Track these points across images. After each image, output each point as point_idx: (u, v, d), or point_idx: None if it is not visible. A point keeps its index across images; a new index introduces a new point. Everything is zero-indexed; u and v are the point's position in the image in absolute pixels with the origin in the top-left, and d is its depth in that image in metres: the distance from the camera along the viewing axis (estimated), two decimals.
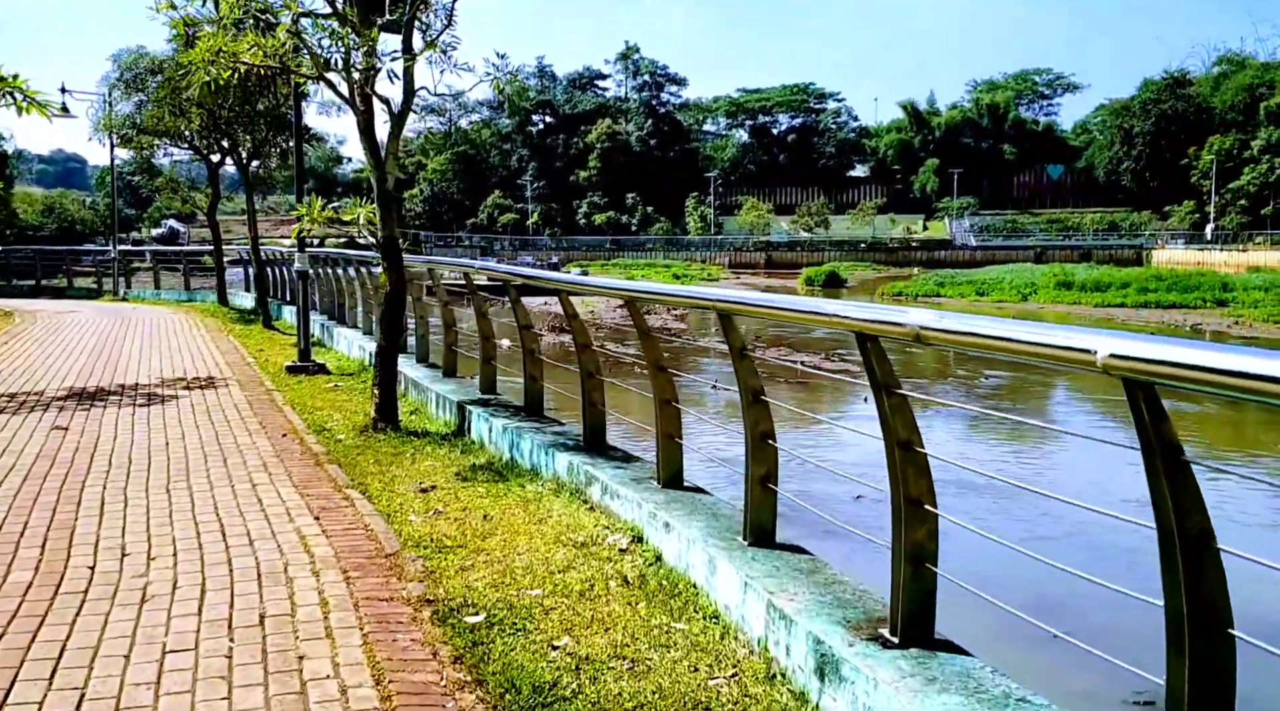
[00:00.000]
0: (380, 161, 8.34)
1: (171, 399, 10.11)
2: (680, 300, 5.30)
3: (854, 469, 10.35)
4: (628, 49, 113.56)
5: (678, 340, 24.33)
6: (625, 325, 26.42)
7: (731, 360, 4.53)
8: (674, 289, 5.11)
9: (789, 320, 4.49)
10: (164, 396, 10.27)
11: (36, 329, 18.10)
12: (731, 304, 4.69)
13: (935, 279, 58.19)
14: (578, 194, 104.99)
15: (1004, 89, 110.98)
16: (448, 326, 9.80)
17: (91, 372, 12.22)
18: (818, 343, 30.04)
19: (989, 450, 14.20)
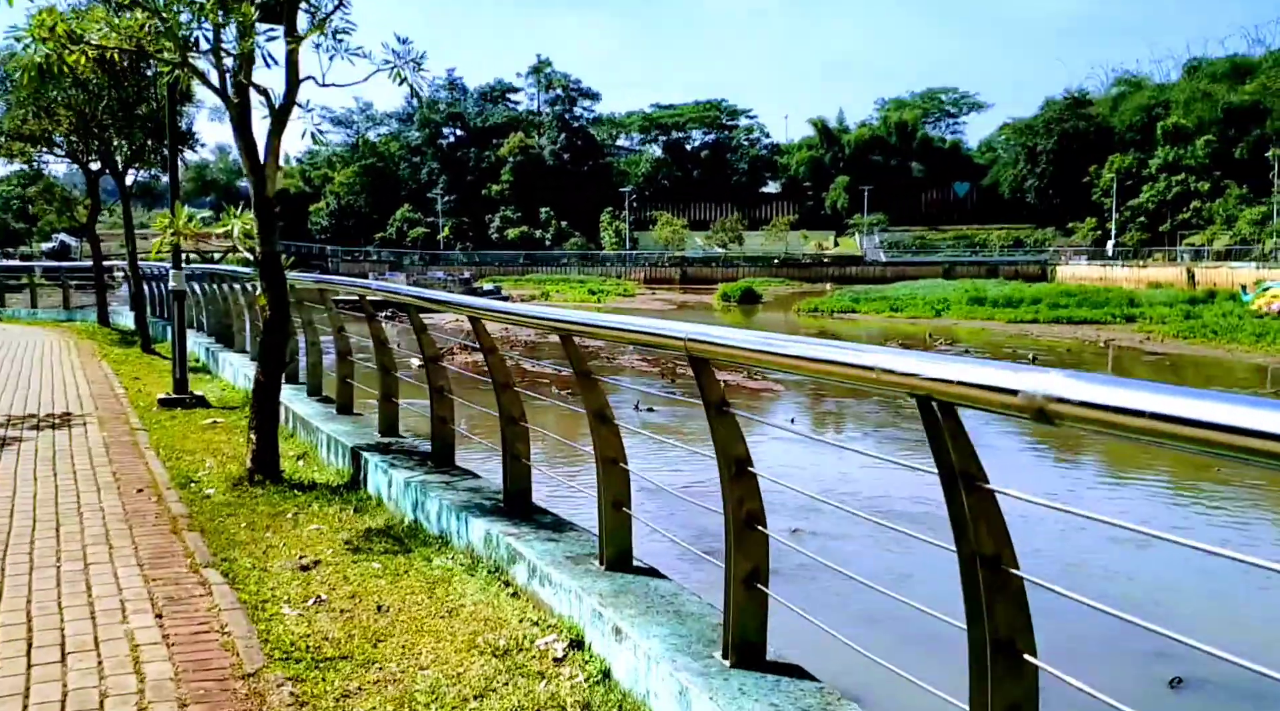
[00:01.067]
0: (258, 164, 7.05)
1: (12, 442, 8.60)
2: (625, 335, 4.18)
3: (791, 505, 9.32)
4: (540, 62, 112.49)
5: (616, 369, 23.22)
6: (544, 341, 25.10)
7: (708, 417, 3.41)
8: (620, 321, 3.99)
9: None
10: (2, 439, 8.74)
11: None
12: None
13: (850, 295, 58.21)
14: (490, 208, 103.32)
15: (912, 107, 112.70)
16: (342, 356, 8.49)
17: None
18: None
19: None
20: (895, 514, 9.39)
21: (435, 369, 6.43)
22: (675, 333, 3.47)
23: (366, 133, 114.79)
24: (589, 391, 4.33)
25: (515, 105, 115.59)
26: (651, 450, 10.90)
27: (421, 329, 6.40)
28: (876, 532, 8.67)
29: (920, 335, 41.10)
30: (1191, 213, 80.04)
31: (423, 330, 6.41)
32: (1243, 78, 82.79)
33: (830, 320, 50.90)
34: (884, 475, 11.20)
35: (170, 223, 7.20)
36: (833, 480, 11.55)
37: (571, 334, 4.41)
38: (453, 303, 6.02)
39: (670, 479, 10.60)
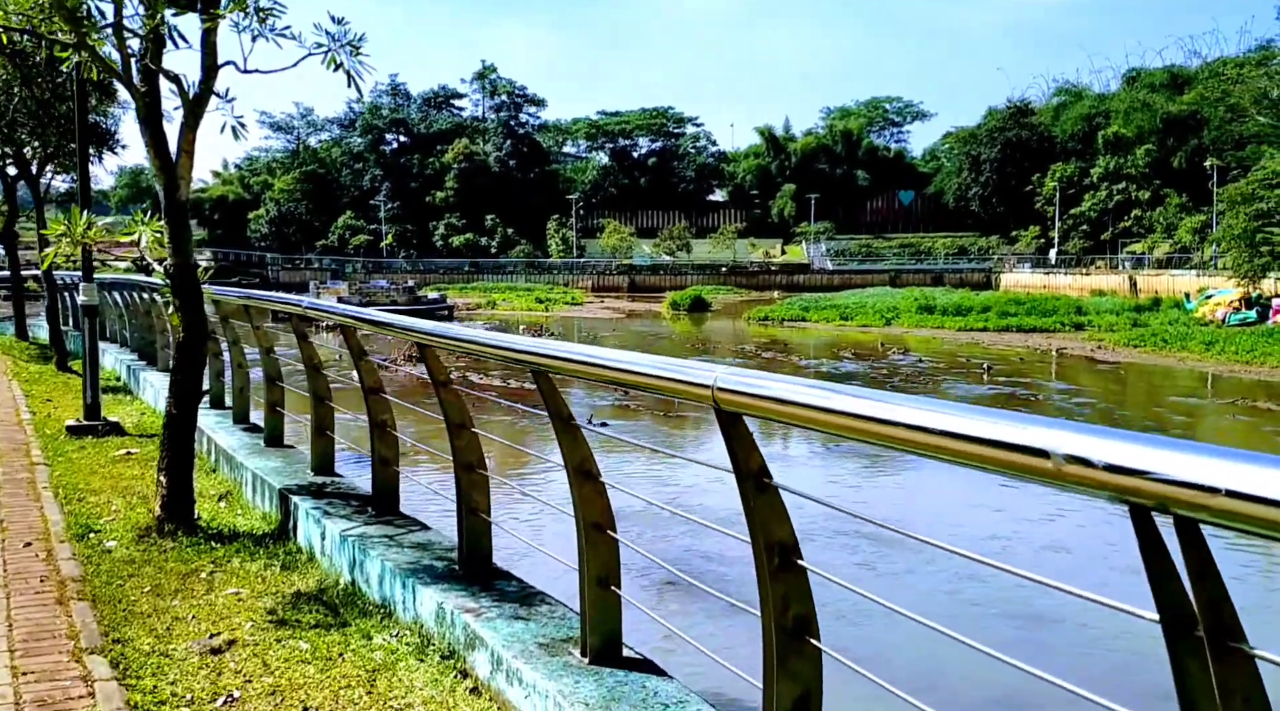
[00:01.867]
0: (169, 162, 6.08)
1: None
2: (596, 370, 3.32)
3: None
4: (485, 68, 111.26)
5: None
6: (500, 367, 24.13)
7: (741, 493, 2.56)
8: (616, 358, 3.11)
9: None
10: None
11: None
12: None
13: (800, 303, 57.96)
14: (434, 215, 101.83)
15: (856, 116, 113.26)
16: (271, 380, 7.52)
17: None
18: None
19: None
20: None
21: (377, 401, 5.52)
22: (698, 378, 2.65)
23: (307, 138, 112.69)
24: (570, 441, 3.47)
25: (460, 111, 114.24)
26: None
27: (360, 354, 5.49)
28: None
29: (872, 343, 40.76)
30: (1132, 221, 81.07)
31: (361, 355, 5.49)
32: (1180, 88, 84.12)
33: (781, 329, 50.51)
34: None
35: (66, 230, 6.20)
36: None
37: (549, 370, 3.53)
38: (399, 326, 5.12)
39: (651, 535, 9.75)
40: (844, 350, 37.41)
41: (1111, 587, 3.62)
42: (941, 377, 29.69)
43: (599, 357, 3.16)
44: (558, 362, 3.44)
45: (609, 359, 3.16)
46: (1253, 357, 32.29)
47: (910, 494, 13.73)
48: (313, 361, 6.52)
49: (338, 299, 54.90)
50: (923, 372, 31.06)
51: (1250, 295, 46.73)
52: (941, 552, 8.07)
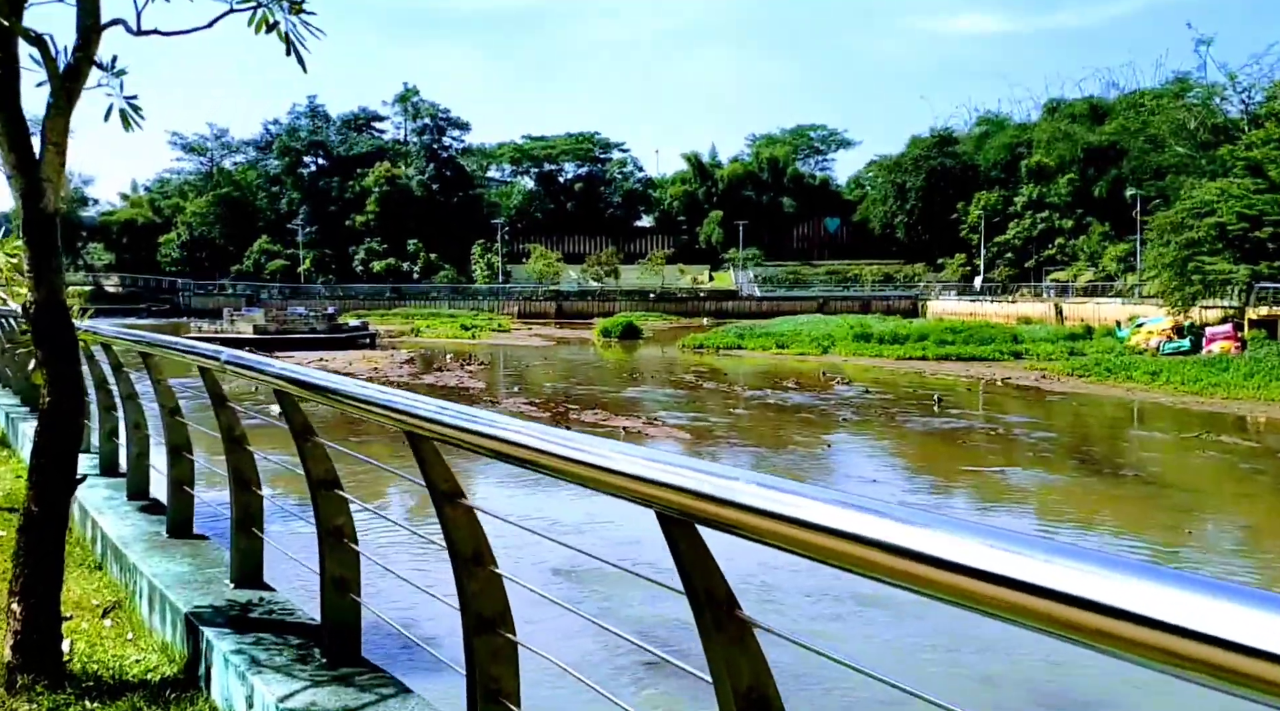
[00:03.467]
0: (29, 158, 4.35)
1: None
2: None
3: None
4: (407, 91, 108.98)
5: None
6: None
7: None
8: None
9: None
10: None
11: None
12: None
13: (735, 331, 56.97)
14: (354, 240, 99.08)
15: (782, 144, 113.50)
16: (176, 451, 5.74)
17: None
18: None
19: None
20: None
21: (328, 499, 3.84)
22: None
23: (221, 161, 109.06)
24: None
25: (381, 134, 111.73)
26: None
27: (305, 433, 3.81)
28: None
29: (812, 372, 39.76)
30: (1056, 249, 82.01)
31: (306, 435, 3.82)
32: (1100, 119, 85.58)
33: (717, 357, 49.37)
34: None
35: None
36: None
37: (438, 439, 1.92)
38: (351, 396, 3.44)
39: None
40: (785, 380, 36.28)
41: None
42: (893, 410, 28.65)
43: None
44: (445, 430, 1.90)
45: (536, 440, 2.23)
46: (1201, 388, 31.92)
47: None
48: (234, 432, 4.80)
49: (254, 327, 52.12)
50: (873, 405, 30.00)
51: (1182, 324, 46.94)
52: None
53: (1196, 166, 64.32)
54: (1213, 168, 58.48)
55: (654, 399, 30.99)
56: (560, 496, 13.69)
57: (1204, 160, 64.61)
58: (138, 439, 6.77)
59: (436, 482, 2.71)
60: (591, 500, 4.12)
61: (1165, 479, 19.35)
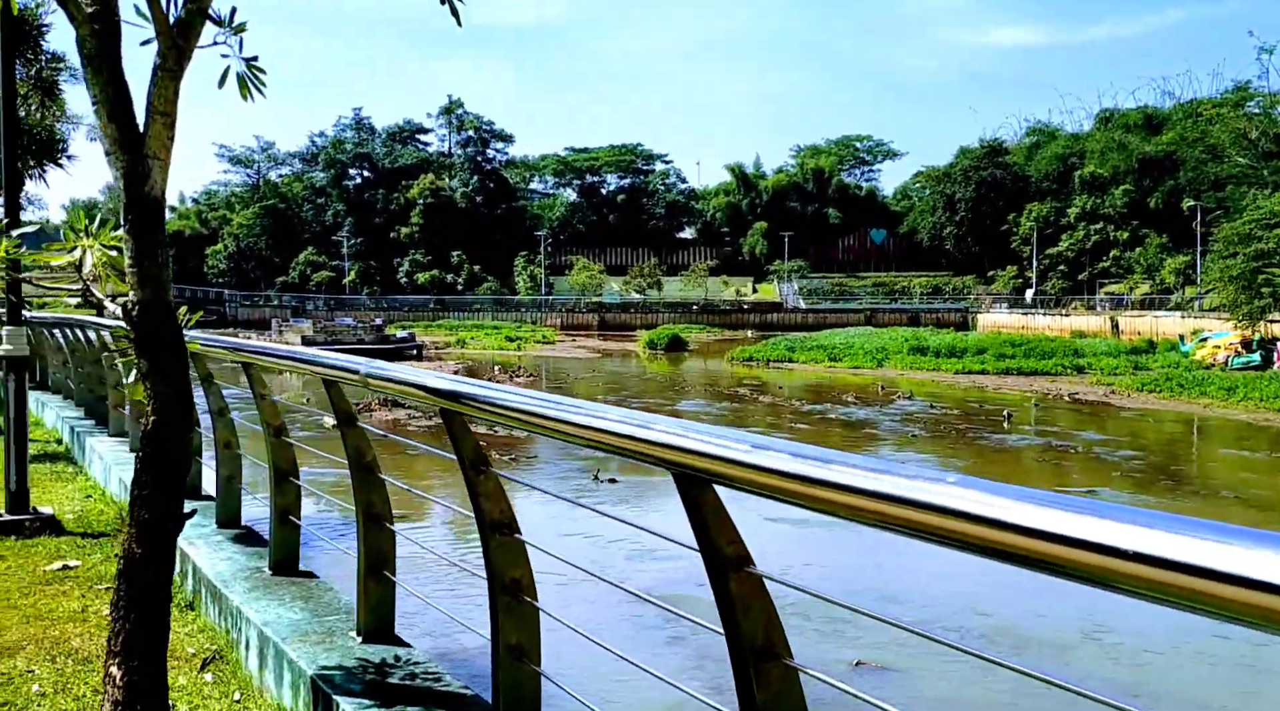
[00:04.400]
0: (135, 132, 3.65)
1: None
2: None
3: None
4: (451, 103, 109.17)
5: None
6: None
7: None
8: None
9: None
10: None
11: None
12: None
13: (785, 343, 55.94)
14: (399, 251, 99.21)
15: (827, 154, 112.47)
16: (283, 476, 5.02)
17: None
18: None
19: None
20: None
21: (505, 544, 3.09)
22: None
23: (268, 173, 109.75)
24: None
25: (425, 146, 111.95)
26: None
27: (478, 463, 3.06)
28: None
29: (868, 386, 38.72)
30: (1111, 261, 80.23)
31: (479, 466, 3.06)
32: (1155, 129, 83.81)
33: (767, 370, 48.41)
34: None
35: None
36: None
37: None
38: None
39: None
40: (843, 394, 35.31)
41: None
42: (961, 426, 27.60)
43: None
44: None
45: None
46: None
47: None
48: (363, 459, 4.06)
49: (302, 338, 51.88)
50: (939, 420, 28.95)
51: (1250, 338, 45.39)
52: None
53: (1258, 177, 62.62)
54: (1276, 178, 56.85)
55: (709, 413, 30.17)
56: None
57: (1266, 171, 62.92)
58: (228, 459, 6.07)
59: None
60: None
61: (1269, 502, 18.25)
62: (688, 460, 2.08)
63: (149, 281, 3.73)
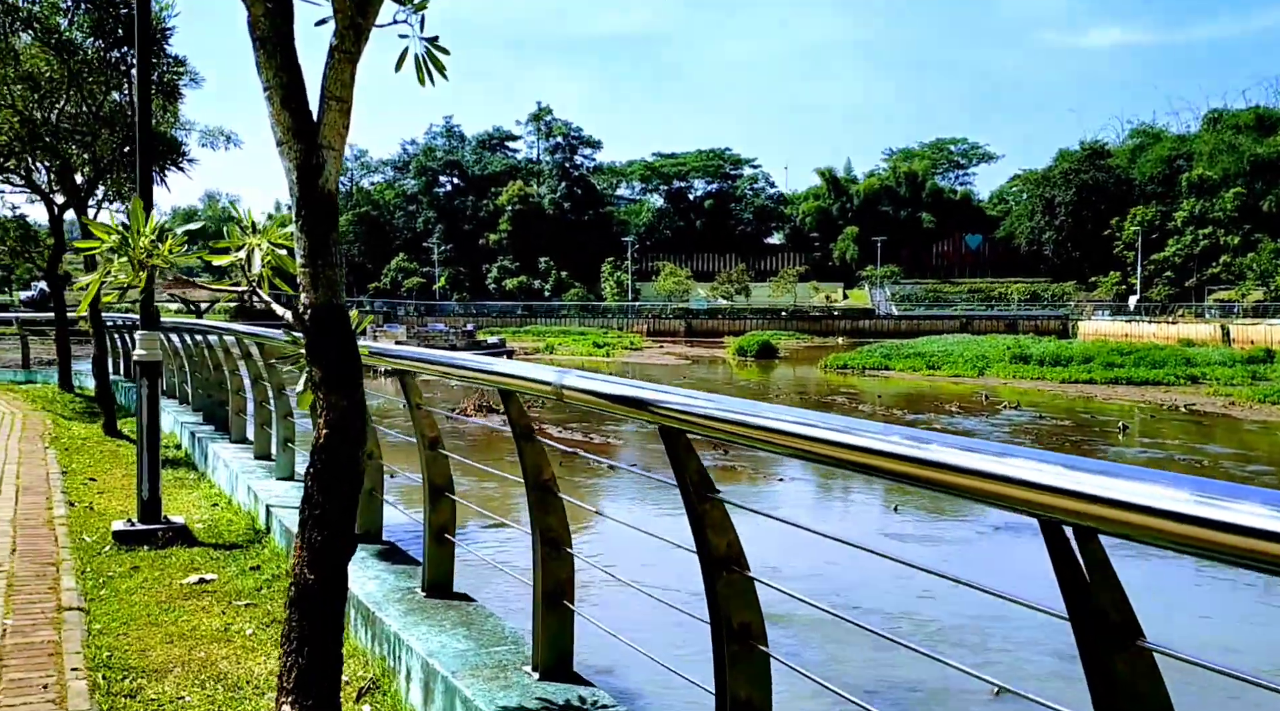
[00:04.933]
0: (308, 120, 3.34)
1: None
2: None
3: None
4: (540, 110, 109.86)
5: None
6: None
7: None
8: None
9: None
10: None
11: None
12: None
13: (881, 350, 54.81)
14: (487, 258, 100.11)
15: (920, 157, 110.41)
16: (436, 493, 4.68)
17: None
18: None
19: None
20: None
21: (733, 583, 2.70)
22: None
23: (360, 180, 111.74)
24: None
25: (514, 153, 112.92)
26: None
27: (703, 488, 2.66)
28: None
29: (971, 396, 37.58)
30: (1221, 267, 77.03)
31: (705, 493, 2.67)
32: (1269, 129, 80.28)
33: (863, 378, 47.41)
34: None
35: (124, 239, 3.46)
36: None
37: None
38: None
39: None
40: (945, 403, 34.30)
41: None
42: (1075, 437, 26.48)
43: None
44: None
45: None
46: None
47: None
48: (541, 476, 3.69)
49: (396, 343, 52.50)
50: (1051, 431, 27.84)
51: None
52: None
53: None
54: None
55: None
56: None
57: None
58: (370, 470, 5.77)
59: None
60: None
61: None
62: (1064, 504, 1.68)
63: (323, 283, 3.42)
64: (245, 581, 5.92)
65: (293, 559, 3.42)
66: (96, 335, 12.87)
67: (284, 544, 6.35)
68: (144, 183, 7.01)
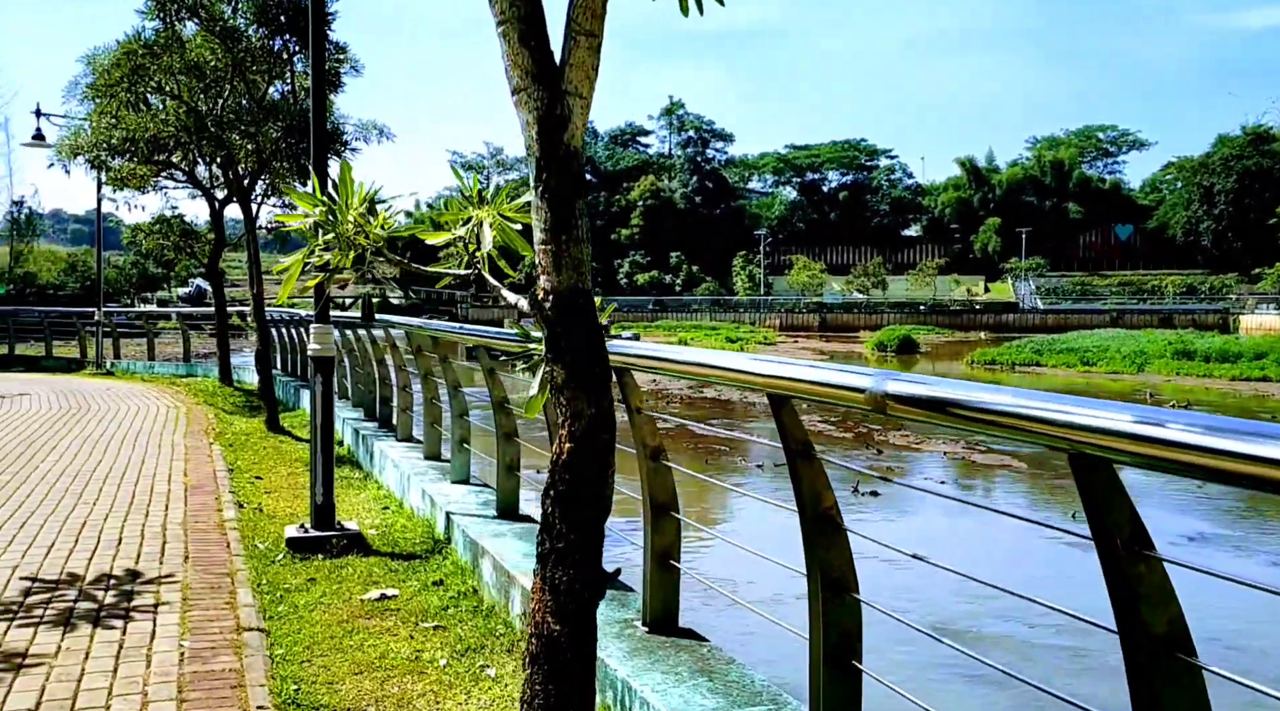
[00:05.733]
0: (550, 62, 2.69)
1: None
2: None
3: None
4: (671, 104, 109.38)
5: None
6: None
7: None
8: None
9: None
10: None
11: None
12: None
13: (1031, 346, 52.41)
14: (618, 252, 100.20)
15: (1067, 146, 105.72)
16: (659, 510, 4.01)
17: None
18: None
19: None
20: None
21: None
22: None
23: (497, 178, 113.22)
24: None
25: (645, 148, 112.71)
26: None
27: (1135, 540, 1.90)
28: None
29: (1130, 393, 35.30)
30: None
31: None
32: None
33: (1014, 375, 45.33)
34: None
35: (330, 211, 2.90)
36: None
37: None
38: None
39: None
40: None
41: None
42: None
43: None
44: None
45: None
46: None
47: None
48: (820, 505, 2.97)
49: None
50: None
51: None
52: None
53: None
54: None
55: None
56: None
57: None
58: (507, 450, 5.20)
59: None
60: None
61: None
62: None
63: (567, 263, 2.77)
64: (429, 598, 5.39)
65: (531, 603, 2.79)
66: (260, 329, 12.77)
67: (467, 557, 5.81)
68: (319, 163, 6.58)
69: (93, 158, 13.94)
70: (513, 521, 5.96)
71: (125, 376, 21.49)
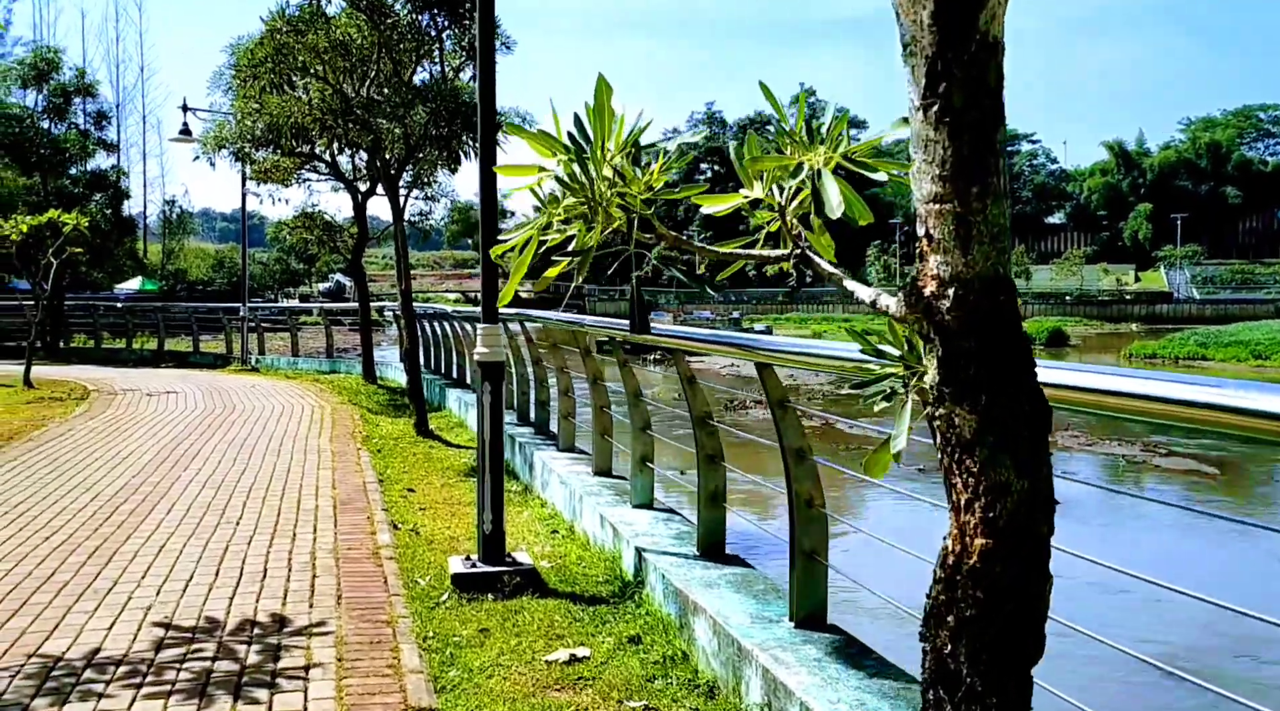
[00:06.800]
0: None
1: None
2: None
3: None
4: (803, 91, 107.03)
5: None
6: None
7: None
8: None
9: None
10: None
11: (93, 425, 12.23)
12: None
13: (1195, 339, 49.15)
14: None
15: (1224, 126, 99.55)
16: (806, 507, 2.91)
17: (43, 586, 5.87)
18: None
19: None
20: None
21: None
22: None
23: None
24: None
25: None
26: None
27: None
28: None
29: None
30: None
31: None
32: None
33: (1177, 369, 42.31)
34: None
35: (578, 155, 1.88)
36: None
37: None
38: None
39: None
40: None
41: None
42: None
43: None
44: None
45: None
46: None
47: None
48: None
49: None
50: None
51: None
52: None
53: None
54: None
55: None
56: None
57: None
58: (711, 476, 4.16)
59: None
60: None
61: None
62: None
63: (980, 233, 1.66)
64: (629, 662, 4.35)
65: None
66: (409, 325, 12.05)
67: (670, 610, 4.75)
68: (486, 141, 5.63)
69: (237, 150, 13.49)
70: (719, 563, 4.88)
71: (269, 373, 21.32)
